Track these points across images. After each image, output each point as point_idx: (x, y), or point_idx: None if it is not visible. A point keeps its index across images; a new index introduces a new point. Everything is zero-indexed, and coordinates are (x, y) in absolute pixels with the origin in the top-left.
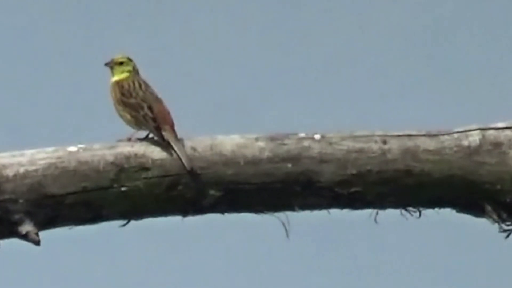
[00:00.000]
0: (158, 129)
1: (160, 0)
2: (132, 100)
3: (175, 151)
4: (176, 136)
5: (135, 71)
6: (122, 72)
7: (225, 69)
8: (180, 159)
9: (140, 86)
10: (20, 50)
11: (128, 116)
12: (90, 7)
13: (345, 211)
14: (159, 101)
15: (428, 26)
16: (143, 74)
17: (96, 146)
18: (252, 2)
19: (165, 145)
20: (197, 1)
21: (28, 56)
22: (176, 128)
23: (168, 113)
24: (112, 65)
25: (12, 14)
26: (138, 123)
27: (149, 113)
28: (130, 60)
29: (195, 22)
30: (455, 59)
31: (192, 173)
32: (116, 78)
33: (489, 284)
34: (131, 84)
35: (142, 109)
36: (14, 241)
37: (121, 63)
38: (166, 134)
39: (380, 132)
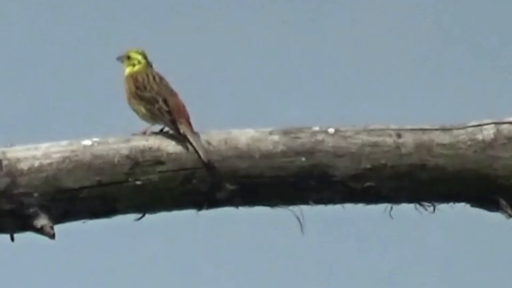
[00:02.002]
0: (173, 122)
1: None
2: (147, 94)
3: (191, 144)
4: (192, 129)
5: (148, 64)
6: (135, 65)
7: (240, 63)
8: (197, 152)
9: (154, 79)
10: (35, 42)
11: (143, 110)
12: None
13: (359, 205)
14: (174, 94)
15: (443, 19)
16: (158, 68)
17: (111, 139)
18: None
19: (181, 138)
20: None
21: (43, 49)
22: (191, 121)
23: (184, 106)
24: (124, 58)
25: (28, 6)
26: (153, 116)
27: (164, 106)
28: (143, 53)
29: (210, 16)
30: (469, 53)
31: (209, 166)
32: (129, 71)
33: (504, 278)
34: (145, 77)
35: (157, 102)
36: (29, 235)
37: (132, 57)
38: (182, 127)
39: (394, 126)
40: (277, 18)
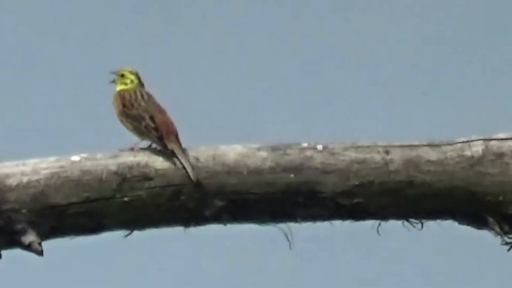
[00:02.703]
0: (161, 139)
1: (163, 11)
2: (134, 111)
3: (180, 162)
4: (181, 146)
5: (138, 83)
6: (125, 83)
7: (227, 78)
8: (185, 170)
9: (142, 96)
10: (23, 57)
11: (130, 127)
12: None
13: (348, 222)
14: (162, 111)
15: (430, 36)
16: (148, 85)
17: (99, 155)
18: (254, 14)
19: (169, 154)
20: (200, 12)
21: (30, 64)
22: (180, 138)
23: (172, 123)
24: (117, 76)
25: (16, 21)
26: (140, 133)
27: (151, 124)
28: (133, 72)
29: (198, 32)
30: (457, 69)
31: (197, 184)
32: (118, 88)
33: None
34: (133, 94)
35: (144, 119)
36: (17, 251)
37: (126, 76)
38: (171, 144)
39: (382, 143)
40: (266, 34)
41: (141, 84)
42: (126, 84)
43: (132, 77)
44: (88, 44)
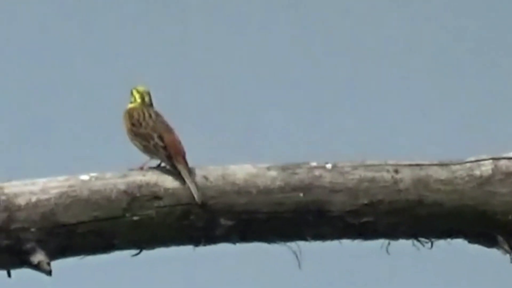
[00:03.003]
0: (169, 158)
1: (173, 29)
2: (142, 130)
3: (185, 182)
4: (187, 166)
5: (147, 101)
6: (133, 102)
7: (237, 98)
8: (191, 191)
9: (150, 115)
10: (32, 75)
11: (139, 146)
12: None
13: (357, 241)
14: (170, 130)
15: (440, 55)
16: (157, 104)
17: (108, 175)
18: (265, 32)
19: (177, 173)
20: (212, 29)
21: (41, 83)
22: (187, 157)
23: (179, 142)
24: (130, 94)
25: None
26: (149, 152)
27: (160, 142)
28: (143, 92)
29: (210, 51)
30: (467, 88)
31: (202, 206)
32: (127, 107)
33: None
34: (141, 113)
35: (152, 138)
36: (26, 271)
37: (133, 94)
38: (177, 164)
39: (392, 162)
40: (276, 53)
41: (149, 103)
42: (131, 102)
43: (137, 96)
44: (99, 60)
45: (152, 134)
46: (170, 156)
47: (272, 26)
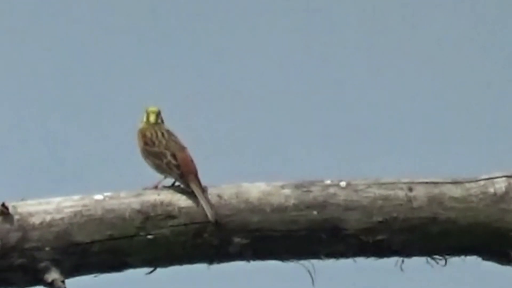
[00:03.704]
0: (182, 176)
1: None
2: (156, 149)
3: (198, 201)
4: (200, 184)
5: (159, 121)
6: (146, 121)
7: (250, 116)
8: (204, 210)
9: (162, 134)
10: (46, 95)
11: (153, 164)
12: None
13: (371, 259)
14: (182, 149)
15: (456, 72)
16: (171, 122)
17: (122, 194)
18: (276, 50)
19: (191, 192)
20: (222, 47)
21: (54, 103)
22: (200, 176)
23: (192, 161)
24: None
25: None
26: (162, 171)
27: (173, 161)
28: (154, 110)
29: (221, 69)
30: (481, 106)
31: (216, 224)
32: (140, 127)
33: None
34: (153, 133)
35: (165, 157)
36: None
37: (146, 113)
38: (190, 183)
39: (406, 179)
40: (288, 69)
41: (160, 121)
42: (143, 122)
43: (150, 115)
44: (113, 80)
45: (165, 153)
46: (183, 174)
47: (289, 43)
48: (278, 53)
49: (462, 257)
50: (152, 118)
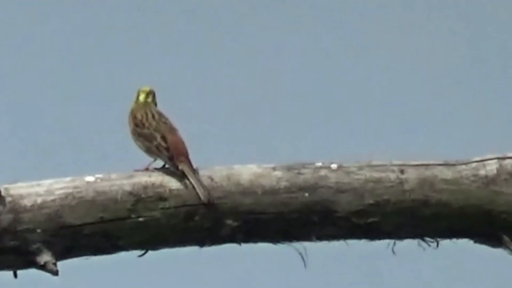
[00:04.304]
0: (171, 159)
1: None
2: (145, 131)
3: (190, 182)
4: (191, 166)
5: (150, 101)
6: (137, 101)
7: (242, 98)
8: (196, 191)
9: (153, 116)
10: (38, 79)
11: (143, 146)
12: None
13: (363, 241)
14: (173, 130)
15: (445, 53)
16: (162, 105)
17: (114, 176)
18: (268, 33)
19: (179, 175)
20: (216, 28)
21: (46, 85)
22: (191, 157)
23: (183, 142)
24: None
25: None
26: (152, 153)
27: (162, 143)
28: (147, 90)
29: (213, 51)
30: (472, 88)
31: (208, 205)
32: (131, 107)
33: None
34: (144, 114)
35: (155, 139)
36: (32, 271)
37: (138, 93)
38: (181, 165)
39: (397, 162)
40: (280, 52)
41: (152, 102)
42: (135, 102)
43: (141, 95)
44: (105, 61)
45: (155, 135)
46: (172, 157)
47: (278, 24)
48: (271, 35)
49: (454, 239)
50: (142, 97)
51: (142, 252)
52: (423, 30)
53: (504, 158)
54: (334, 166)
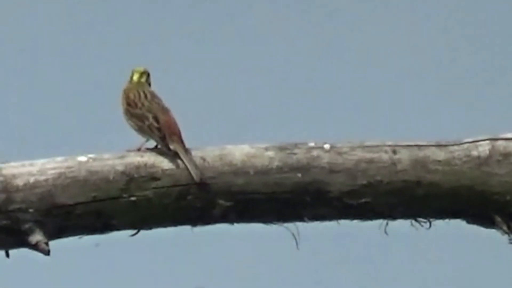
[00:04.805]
0: (163, 139)
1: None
2: (138, 111)
3: (183, 162)
4: (184, 146)
5: (143, 81)
6: (130, 81)
7: (234, 78)
8: (188, 171)
9: (145, 96)
10: (32, 55)
11: (135, 126)
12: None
13: (355, 221)
14: (165, 111)
15: (437, 36)
16: (155, 84)
17: (106, 156)
18: (261, 14)
19: (171, 155)
20: (207, 9)
21: (38, 64)
22: (183, 138)
23: (175, 122)
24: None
25: (25, 19)
26: (144, 133)
27: (155, 123)
28: (141, 70)
29: (205, 30)
30: (464, 69)
31: (201, 185)
32: (124, 87)
33: None
34: (137, 94)
35: (147, 119)
36: (24, 251)
37: (132, 73)
38: (174, 144)
39: (390, 142)
40: (272, 34)
41: (146, 83)
42: (129, 82)
43: (135, 75)
44: (99, 40)
45: (147, 115)
46: (164, 137)
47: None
48: (266, 16)
49: (447, 220)
50: (135, 77)
51: (135, 231)
52: (417, 9)
53: (496, 139)
54: (327, 146)
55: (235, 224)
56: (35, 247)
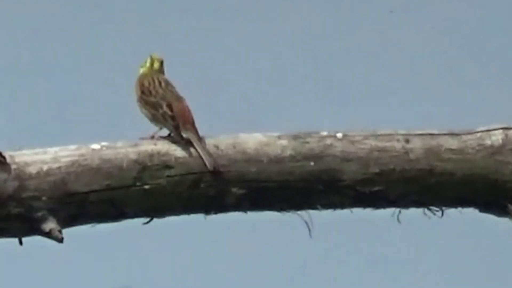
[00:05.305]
0: (177, 128)
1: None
2: (152, 98)
3: (196, 150)
4: (197, 134)
5: (157, 68)
6: (144, 66)
7: (248, 67)
8: (202, 159)
9: (160, 84)
10: (44, 44)
11: (149, 114)
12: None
13: (368, 210)
14: (179, 99)
15: (450, 24)
16: (169, 72)
17: (119, 144)
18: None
19: (184, 143)
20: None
21: (53, 52)
22: (197, 126)
23: (189, 111)
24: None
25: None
26: (158, 121)
27: (168, 111)
28: (156, 57)
29: (218, 20)
30: (478, 58)
31: (214, 172)
32: (140, 73)
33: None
34: (151, 81)
35: (161, 107)
36: (37, 238)
37: (147, 59)
38: (187, 133)
39: (402, 131)
40: (285, 22)
41: (159, 70)
42: (142, 67)
43: (149, 61)
44: (113, 28)
45: (161, 103)
46: (178, 126)
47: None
48: (279, 3)
49: (459, 209)
50: (156, 65)
51: (148, 219)
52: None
53: (509, 129)
54: (339, 135)
55: (248, 213)
56: (48, 234)
